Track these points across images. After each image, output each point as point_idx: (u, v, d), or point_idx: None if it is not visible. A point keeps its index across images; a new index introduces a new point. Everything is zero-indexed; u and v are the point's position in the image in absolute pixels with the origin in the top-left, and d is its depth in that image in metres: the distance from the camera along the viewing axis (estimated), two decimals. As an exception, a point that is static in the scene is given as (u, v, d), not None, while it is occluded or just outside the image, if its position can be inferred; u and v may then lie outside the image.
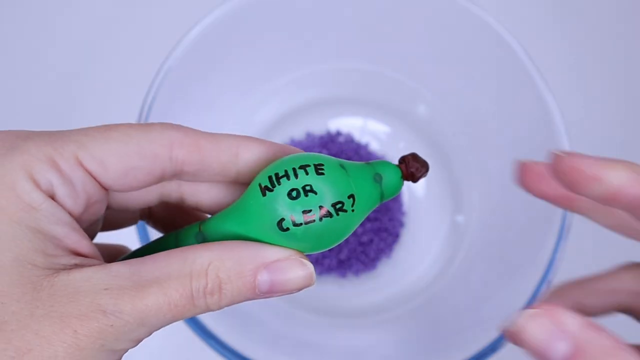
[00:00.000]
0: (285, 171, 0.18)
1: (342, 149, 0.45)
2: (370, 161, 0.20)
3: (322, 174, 0.18)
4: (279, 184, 0.18)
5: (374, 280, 0.44)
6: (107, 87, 0.48)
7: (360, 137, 0.46)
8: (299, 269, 0.18)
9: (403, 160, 0.20)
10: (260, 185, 0.18)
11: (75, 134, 0.18)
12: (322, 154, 0.19)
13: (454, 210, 0.45)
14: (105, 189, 0.18)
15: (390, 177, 0.20)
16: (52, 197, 0.17)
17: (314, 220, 0.18)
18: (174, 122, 0.19)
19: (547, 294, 0.19)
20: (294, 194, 0.18)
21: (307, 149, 0.45)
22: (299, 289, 0.18)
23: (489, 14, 0.36)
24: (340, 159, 0.19)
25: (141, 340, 0.17)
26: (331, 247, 0.19)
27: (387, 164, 0.20)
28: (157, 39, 0.44)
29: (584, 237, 0.46)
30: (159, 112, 0.34)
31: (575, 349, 0.16)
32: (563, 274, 0.40)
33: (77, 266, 0.16)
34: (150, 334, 0.17)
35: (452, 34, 0.39)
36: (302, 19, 0.41)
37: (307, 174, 0.18)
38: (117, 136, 0.17)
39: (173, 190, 0.21)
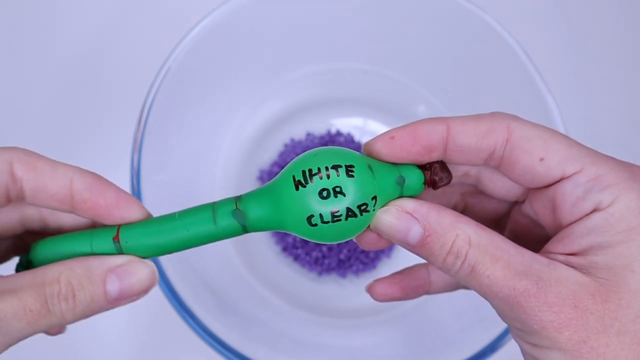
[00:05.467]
0: (319, 169, 0.19)
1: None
2: (397, 164, 0.21)
3: (352, 176, 0.19)
4: (312, 181, 0.19)
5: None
6: (107, 87, 0.48)
7: (360, 137, 0.46)
8: (143, 269, 0.20)
9: (430, 166, 0.21)
10: (294, 177, 0.20)
11: None
12: (352, 151, 0.20)
13: (453, 210, 0.45)
14: None
15: (412, 181, 0.21)
16: None
17: (340, 219, 0.19)
18: (173, 123, 0.20)
19: None
20: (324, 193, 0.19)
21: (307, 149, 0.45)
22: (146, 290, 0.20)
23: (489, 14, 0.36)
24: (369, 158, 0.21)
25: (3, 349, 0.18)
26: (348, 239, 0.21)
27: (413, 168, 0.21)
28: (157, 40, 0.44)
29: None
30: (159, 113, 0.34)
31: (425, 231, 0.20)
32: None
33: None
34: (8, 345, 0.18)
35: (452, 34, 0.39)
36: (302, 19, 0.41)
37: (338, 174, 0.19)
38: None
39: (33, 214, 0.22)
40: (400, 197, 0.21)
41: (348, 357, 0.38)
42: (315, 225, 0.19)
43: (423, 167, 0.21)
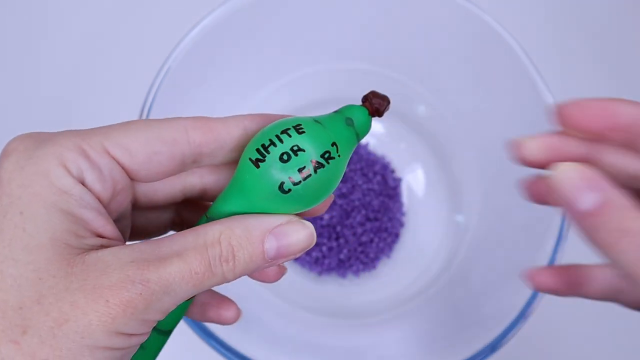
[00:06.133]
0: (270, 140, 0.19)
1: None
2: (338, 109, 0.22)
3: (303, 132, 0.19)
4: (268, 152, 0.19)
5: (374, 280, 0.44)
6: (107, 88, 0.48)
7: (360, 137, 0.46)
8: (301, 230, 0.20)
9: (365, 99, 0.22)
10: (250, 159, 0.19)
11: (100, 128, 0.19)
12: (295, 116, 0.21)
13: (453, 210, 0.45)
14: (132, 177, 0.20)
15: (359, 117, 0.21)
16: (82, 183, 0.18)
17: (310, 174, 0.19)
18: None
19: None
20: (284, 157, 0.19)
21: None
22: (302, 250, 0.20)
23: (489, 14, 0.36)
24: (313, 116, 0.21)
25: (168, 312, 0.18)
26: (329, 195, 0.21)
27: (354, 106, 0.22)
28: (157, 41, 0.44)
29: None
30: (159, 113, 0.34)
31: (604, 202, 0.18)
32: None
33: (102, 246, 0.18)
34: (175, 305, 0.18)
35: (451, 34, 0.39)
36: (302, 19, 0.41)
37: (290, 136, 0.19)
38: (137, 127, 0.19)
39: (196, 183, 0.23)
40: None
41: (348, 357, 0.38)
42: (289, 191, 0.19)
43: (362, 103, 0.22)
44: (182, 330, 0.33)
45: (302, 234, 0.20)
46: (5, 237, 0.17)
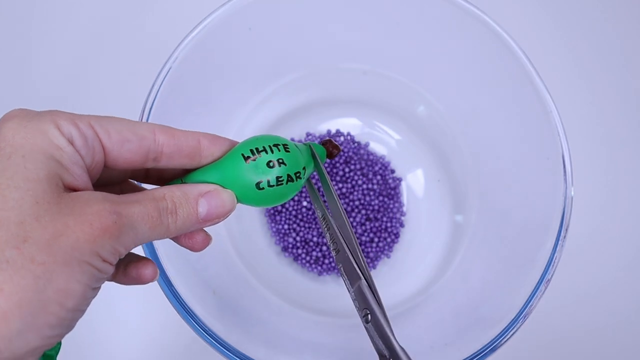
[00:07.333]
0: (264, 147, 0.25)
1: (342, 149, 0.45)
2: (306, 142, 0.28)
3: (288, 151, 0.25)
4: (259, 155, 0.24)
5: (374, 280, 0.44)
6: (108, 88, 0.48)
7: (360, 137, 0.46)
8: (225, 194, 0.24)
9: (324, 143, 0.29)
10: (242, 154, 0.24)
11: (88, 115, 0.24)
12: (282, 137, 0.26)
13: (453, 210, 0.45)
14: (105, 156, 0.24)
15: (320, 154, 0.28)
16: (72, 145, 0.22)
17: (282, 183, 0.25)
18: (174, 124, 0.24)
19: None
20: (270, 164, 0.24)
21: (307, 149, 0.45)
22: (227, 212, 0.25)
23: (489, 15, 0.37)
24: (292, 141, 0.26)
25: (129, 249, 0.22)
26: (282, 203, 0.26)
27: (318, 145, 0.29)
28: (157, 41, 0.44)
29: (583, 237, 0.46)
30: (160, 114, 0.34)
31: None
32: (561, 274, 0.40)
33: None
34: (135, 244, 0.22)
35: (451, 35, 0.39)
36: (302, 19, 0.41)
37: (279, 150, 0.25)
38: (117, 119, 0.24)
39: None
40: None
41: (348, 357, 0.38)
42: (263, 189, 0.24)
43: (322, 145, 0.29)
44: (183, 330, 0.33)
45: (226, 198, 0.24)
46: (9, 172, 0.20)
